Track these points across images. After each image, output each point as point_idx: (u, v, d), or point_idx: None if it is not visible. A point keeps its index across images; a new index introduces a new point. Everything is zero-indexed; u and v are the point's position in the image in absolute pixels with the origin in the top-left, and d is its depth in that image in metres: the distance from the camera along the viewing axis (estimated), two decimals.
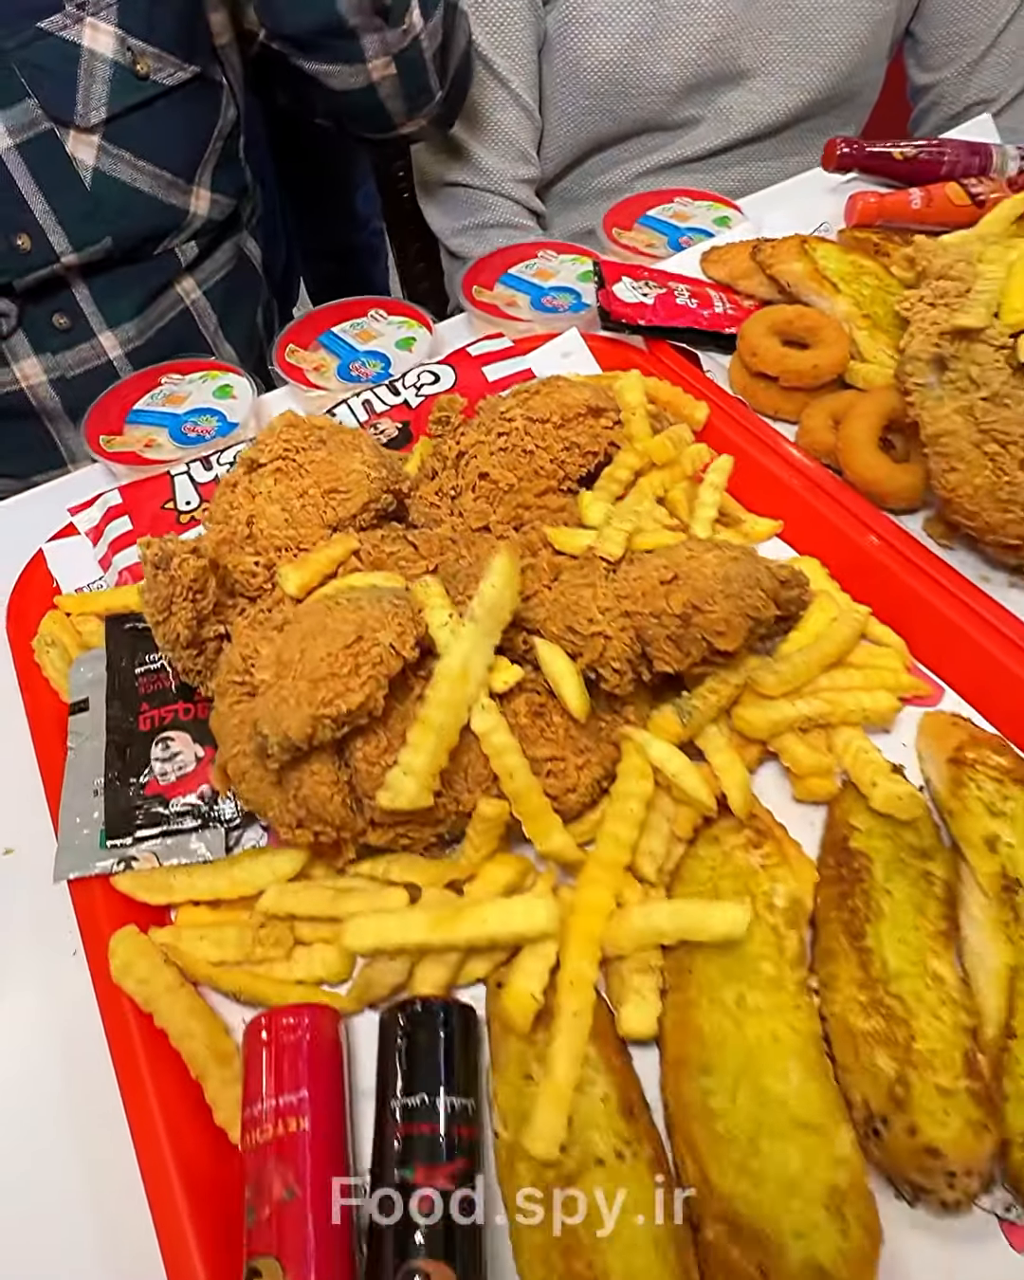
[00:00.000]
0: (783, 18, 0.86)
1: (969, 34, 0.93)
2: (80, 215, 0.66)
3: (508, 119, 0.89)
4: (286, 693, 0.35)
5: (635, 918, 0.36)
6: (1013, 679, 0.45)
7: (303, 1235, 0.29)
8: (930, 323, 0.56)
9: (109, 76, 0.63)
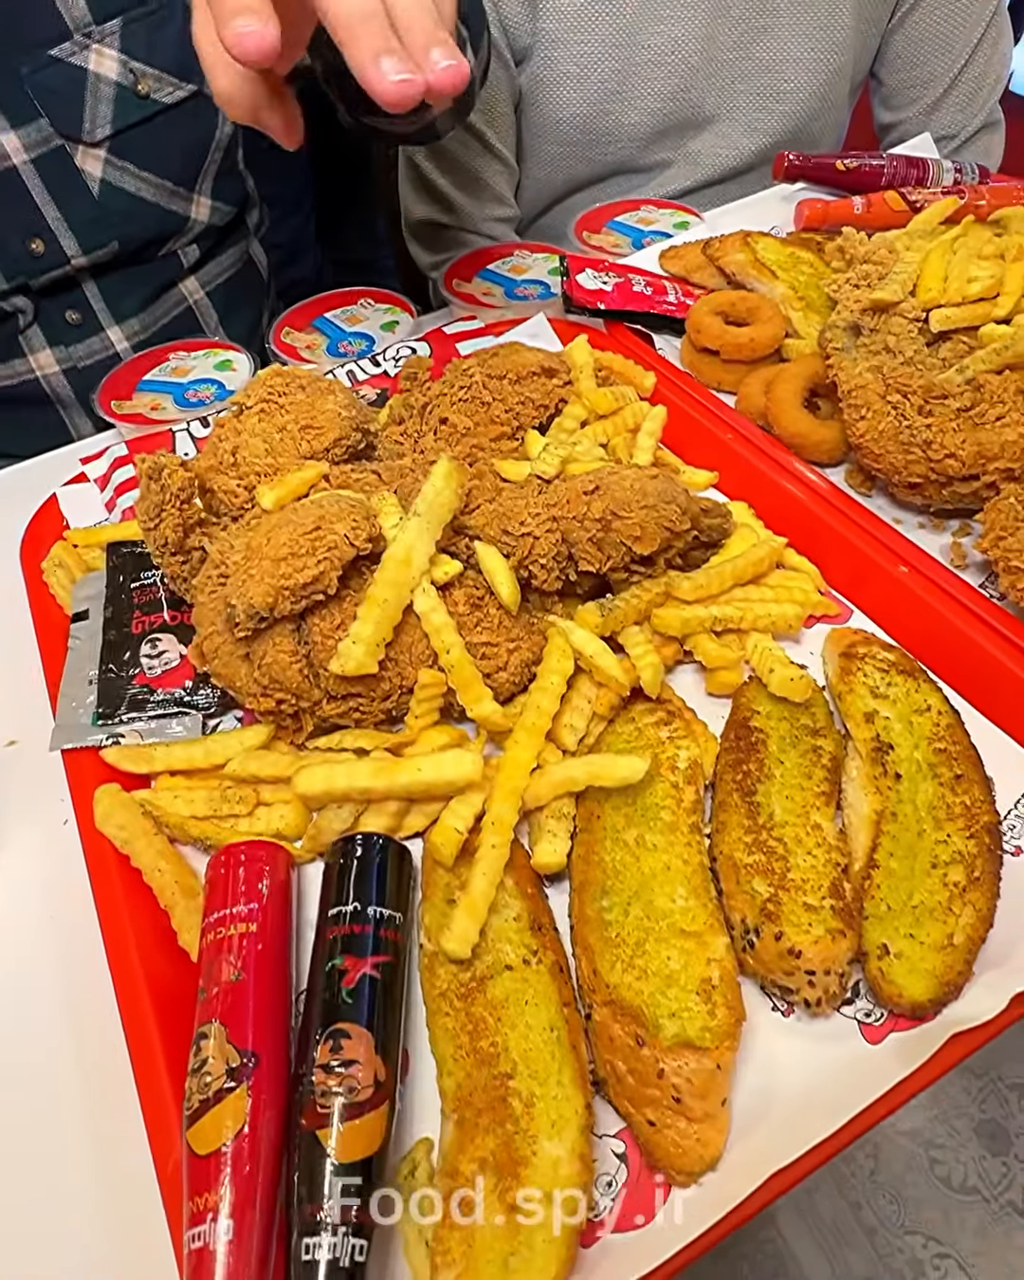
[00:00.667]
0: (742, 69, 0.94)
1: (929, 78, 1.00)
2: (89, 221, 0.73)
3: (484, 166, 0.96)
4: (253, 570, 0.41)
5: (553, 771, 0.41)
6: (915, 600, 0.50)
7: (244, 1006, 0.34)
8: (853, 300, 0.62)
9: (113, 96, 0.70)
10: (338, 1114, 0.31)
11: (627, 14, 0.88)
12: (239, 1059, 0.32)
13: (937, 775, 0.41)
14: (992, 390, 0.53)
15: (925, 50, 0.99)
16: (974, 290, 0.62)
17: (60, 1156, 0.36)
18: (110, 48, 0.69)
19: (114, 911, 0.40)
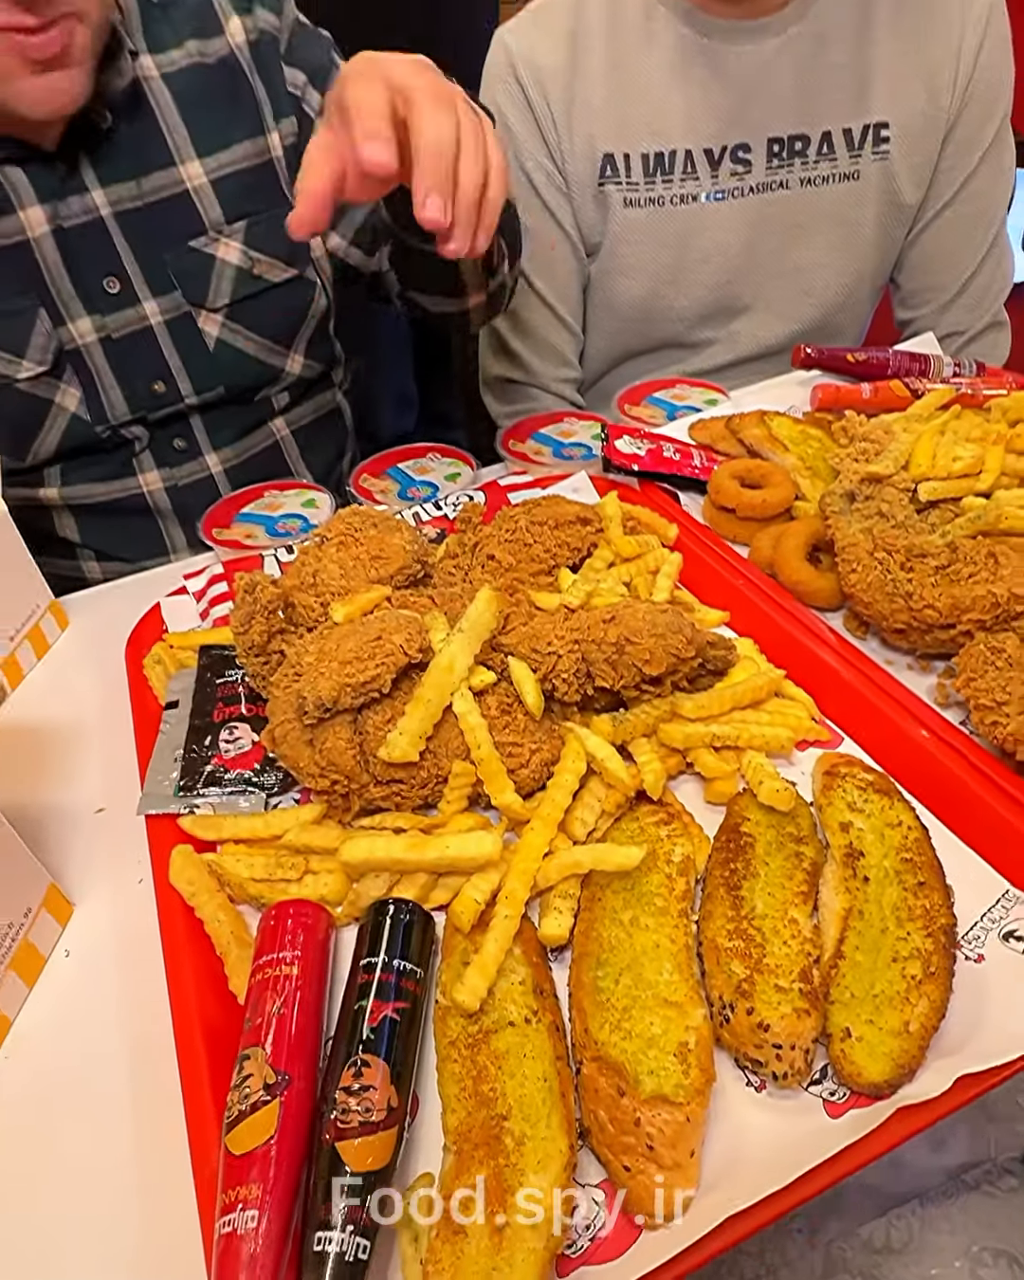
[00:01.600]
0: (778, 269, 1.10)
1: (941, 284, 1.14)
2: (203, 370, 0.88)
3: (555, 335, 1.13)
4: (323, 669, 0.50)
5: (562, 856, 0.47)
6: (897, 731, 0.57)
7: (283, 1034, 0.40)
8: (852, 471, 0.72)
9: (233, 276, 0.86)
10: (354, 1130, 0.36)
11: (680, 221, 1.04)
12: (275, 1077, 0.38)
13: (902, 881, 0.46)
14: (966, 552, 0.61)
15: (937, 263, 1.14)
16: (958, 467, 0.72)
17: (111, 1155, 0.42)
18: (235, 241, 0.86)
19: (177, 954, 0.47)
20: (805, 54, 0.98)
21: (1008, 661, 0.55)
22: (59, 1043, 0.47)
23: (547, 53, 1.00)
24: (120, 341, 0.84)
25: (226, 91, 0.82)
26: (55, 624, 0.76)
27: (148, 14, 0.80)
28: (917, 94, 1.01)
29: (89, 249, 0.80)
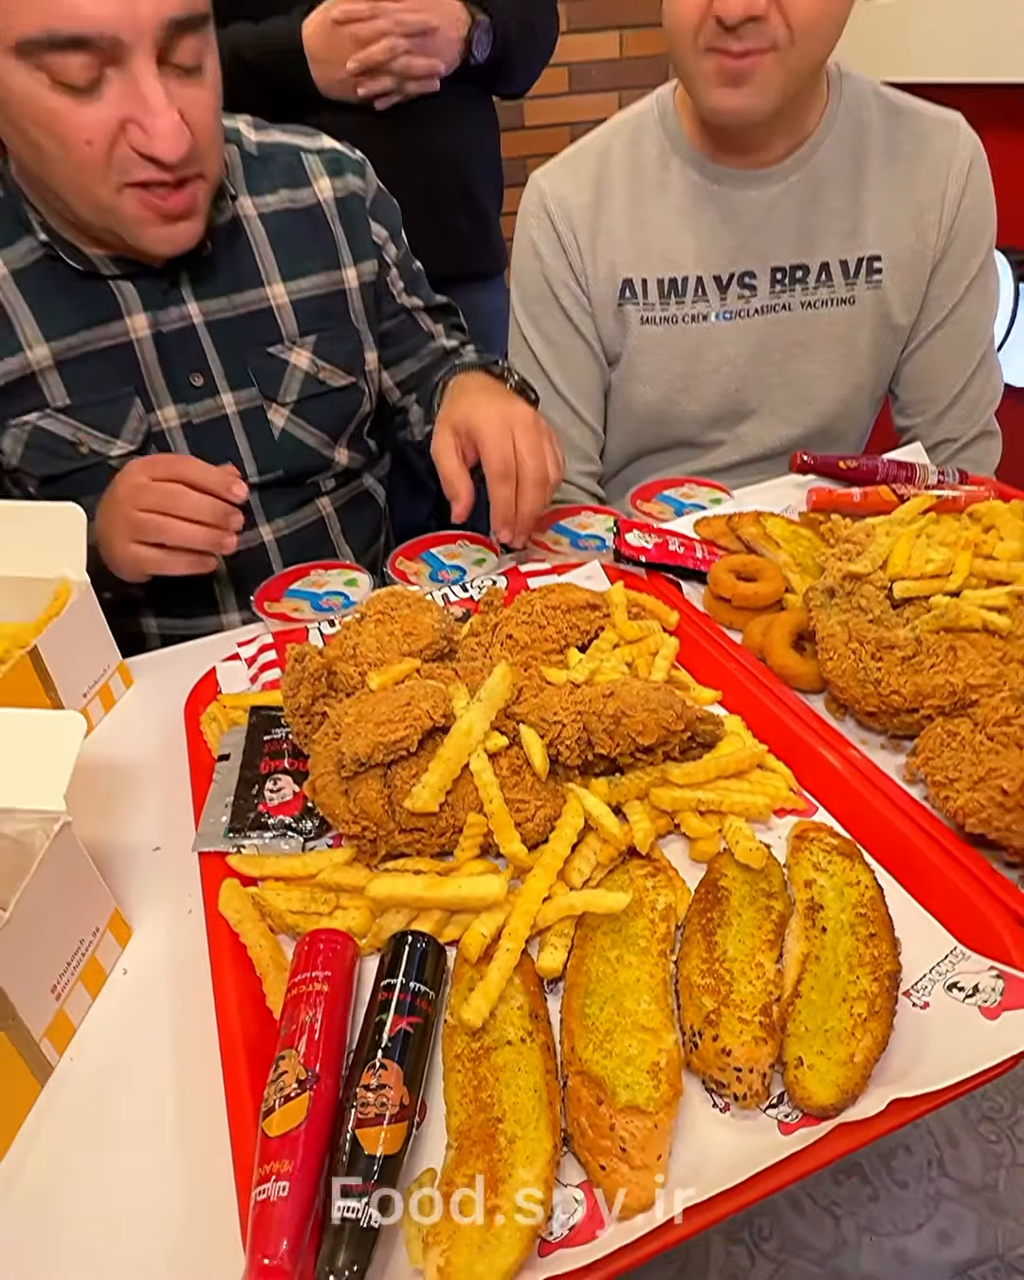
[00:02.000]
0: (781, 380, 1.21)
1: (934, 396, 1.24)
2: (268, 455, 1.02)
3: (578, 434, 1.24)
4: (360, 729, 0.58)
5: (559, 899, 0.54)
6: (865, 803, 0.64)
7: (313, 1039, 0.47)
8: (836, 569, 0.81)
9: (301, 378, 1.01)
10: (371, 1120, 0.43)
11: (692, 337, 1.16)
12: (306, 1074, 0.45)
13: (855, 932, 0.53)
14: (929, 645, 0.69)
15: (930, 377, 1.24)
16: (930, 569, 0.81)
17: (159, 1140, 0.48)
18: (305, 350, 1.01)
19: (223, 972, 0.54)
20: (805, 198, 1.11)
21: (961, 743, 0.63)
22: (116, 1046, 0.54)
23: (574, 193, 1.14)
24: (199, 427, 0.97)
25: (310, 232, 0.99)
26: (122, 682, 0.85)
27: (249, 166, 0.97)
28: (906, 232, 1.13)
29: (181, 350, 0.94)
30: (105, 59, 0.70)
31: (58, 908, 0.54)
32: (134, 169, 0.76)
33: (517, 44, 1.36)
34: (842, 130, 1.09)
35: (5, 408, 0.89)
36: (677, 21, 0.95)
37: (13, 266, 0.86)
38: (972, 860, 0.58)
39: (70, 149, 0.73)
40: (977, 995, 0.51)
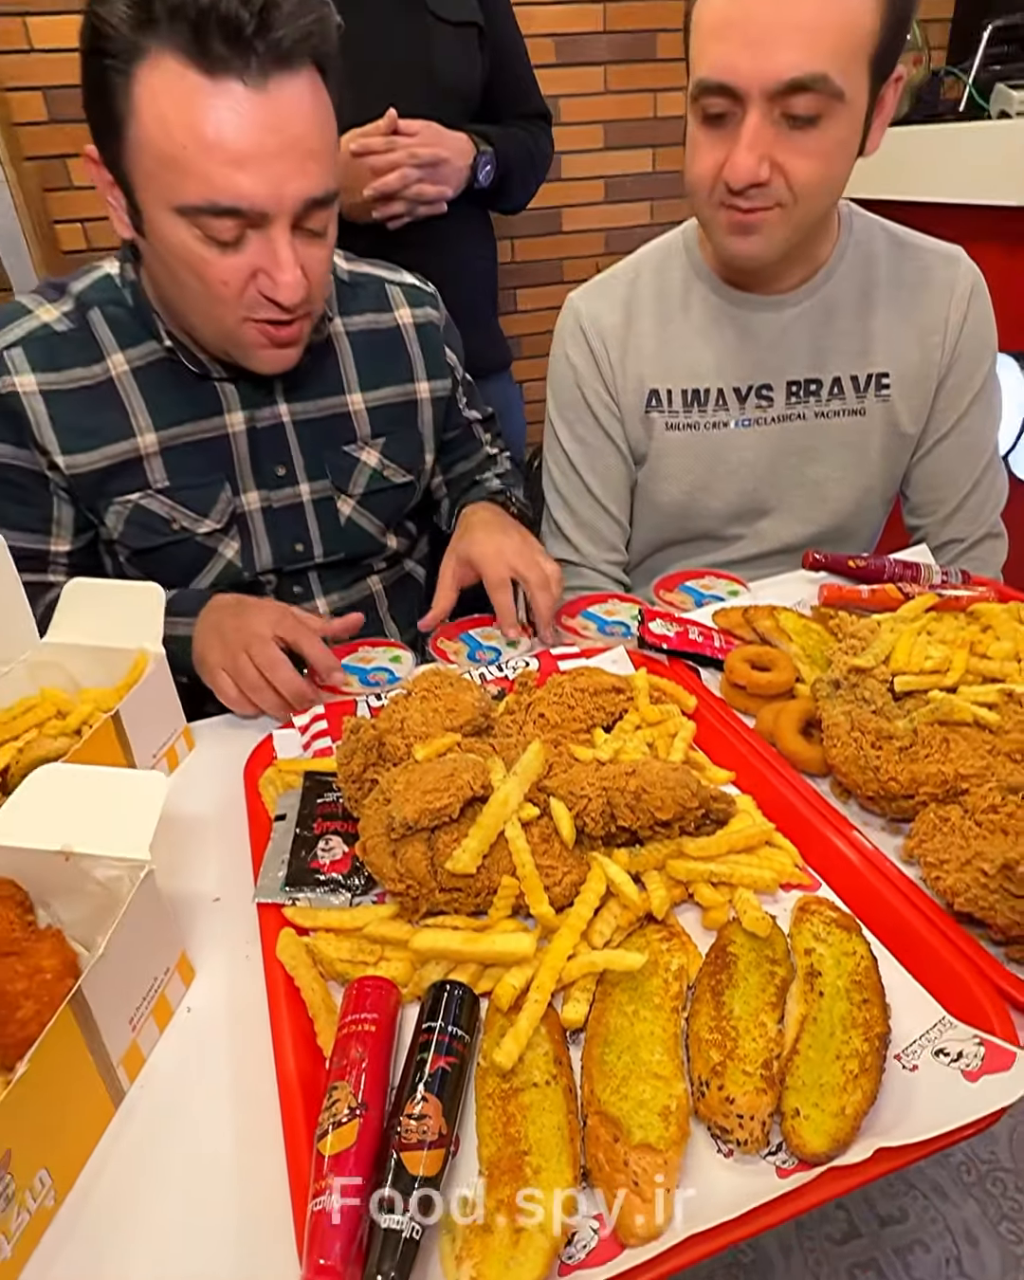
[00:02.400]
0: (797, 481, 1.30)
1: (941, 499, 1.32)
2: (332, 538, 1.14)
3: (605, 526, 1.34)
4: (409, 795, 0.66)
5: (582, 957, 0.61)
6: (864, 880, 0.69)
7: (362, 1073, 0.53)
8: (842, 662, 0.88)
9: (369, 474, 1.14)
10: (413, 1145, 0.48)
11: (713, 442, 1.27)
12: (357, 1103, 0.51)
13: (849, 998, 0.58)
14: (924, 736, 0.76)
15: (937, 481, 1.33)
16: (929, 665, 0.88)
17: (219, 1161, 0.54)
18: (375, 449, 1.14)
19: (278, 1012, 0.60)
20: (817, 321, 1.22)
21: (952, 828, 0.69)
22: (181, 1077, 0.60)
23: (606, 313, 1.27)
24: (278, 511, 1.10)
25: (389, 350, 1.15)
26: (186, 745, 0.93)
27: (341, 292, 1.13)
28: (912, 352, 1.24)
29: (269, 444, 1.08)
30: (250, 223, 0.84)
31: (138, 947, 0.60)
32: (258, 308, 0.90)
33: (516, 170, 1.54)
34: (851, 262, 1.21)
35: (112, 486, 1.01)
36: (693, 179, 1.08)
37: (134, 364, 1.00)
38: (959, 937, 0.63)
39: (209, 287, 0.87)
40: (960, 1060, 0.56)
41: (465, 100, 1.49)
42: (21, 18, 2.05)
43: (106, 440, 0.99)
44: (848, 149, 1.03)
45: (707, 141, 1.03)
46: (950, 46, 2.72)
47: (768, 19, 0.92)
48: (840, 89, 0.94)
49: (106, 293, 0.99)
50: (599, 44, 2.63)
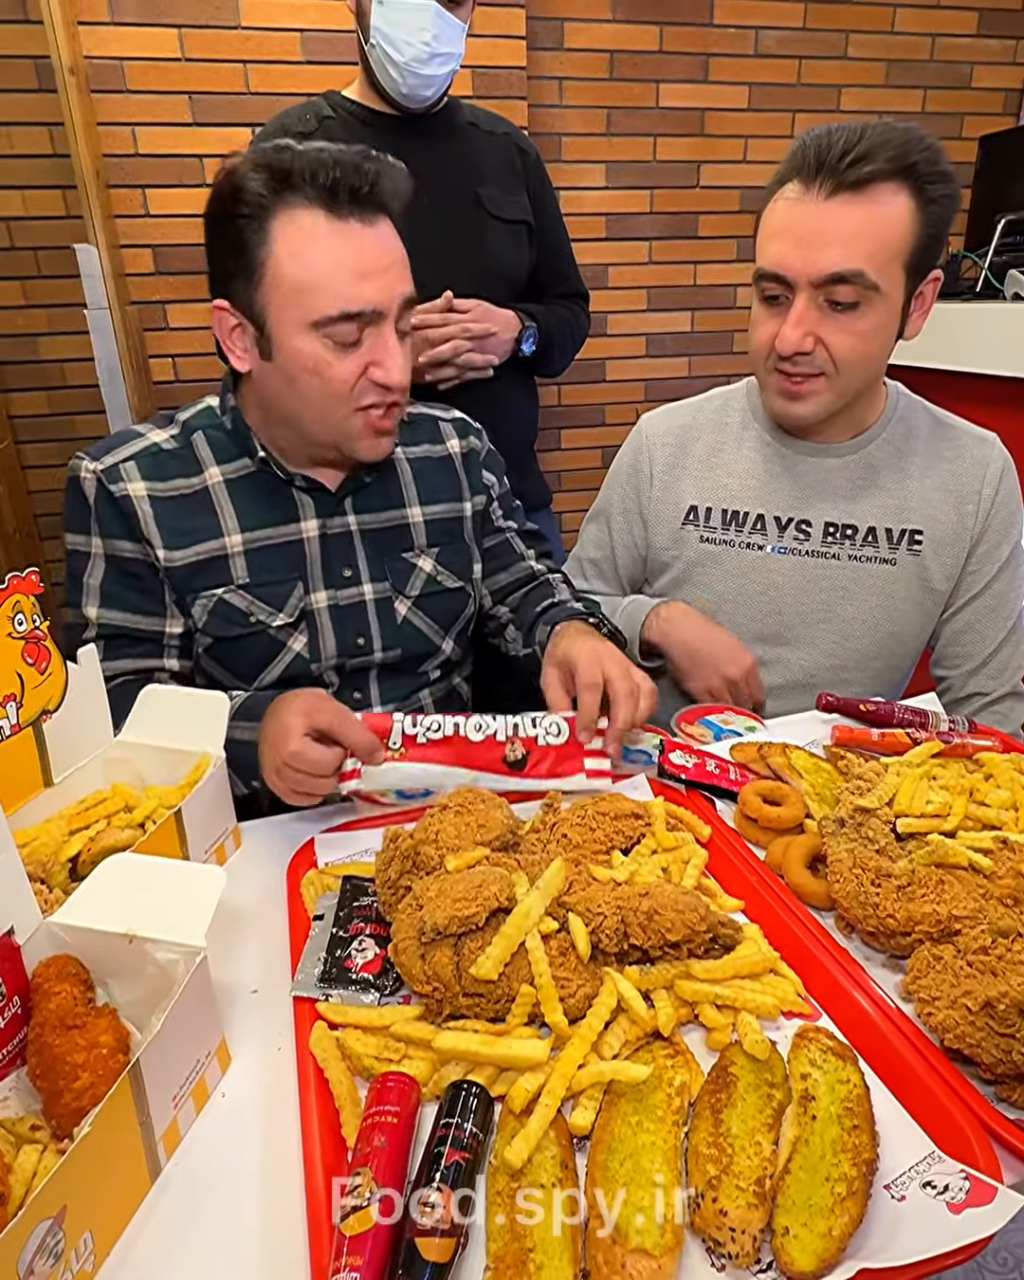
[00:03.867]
0: (824, 615, 1.37)
1: (969, 654, 1.40)
2: (390, 635, 1.26)
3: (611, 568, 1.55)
4: (440, 902, 0.72)
5: (591, 1067, 0.65)
6: (862, 1013, 0.74)
7: (382, 1160, 0.57)
8: (848, 801, 0.95)
9: (424, 579, 1.28)
10: (427, 1231, 0.53)
11: (746, 560, 1.39)
12: (377, 1189, 0.55)
13: (841, 1123, 0.62)
14: (921, 876, 0.81)
15: (965, 638, 1.40)
16: (930, 809, 0.94)
17: (244, 1236, 0.58)
18: (430, 557, 1.29)
19: (308, 1103, 0.65)
20: (859, 475, 1.35)
21: (944, 967, 0.73)
22: (213, 1158, 0.64)
23: (665, 433, 1.45)
24: (343, 608, 1.23)
25: (441, 473, 1.32)
26: (233, 844, 1.01)
27: (402, 428, 1.31)
28: (948, 515, 1.35)
29: (338, 549, 1.22)
30: (367, 323, 1.03)
31: (188, 1030, 0.66)
32: (366, 396, 1.08)
33: (556, 341, 1.77)
34: (894, 432, 1.36)
35: (200, 581, 1.16)
36: (753, 348, 1.28)
37: (228, 476, 1.18)
38: (949, 1073, 0.67)
39: (331, 385, 1.05)
40: (946, 1193, 0.59)
41: (513, 283, 1.73)
42: (141, 189, 2.39)
43: (199, 539, 1.13)
44: (884, 332, 1.21)
45: (764, 317, 1.22)
46: (968, 232, 3.00)
47: (816, 226, 1.12)
48: (875, 283, 1.14)
49: (208, 419, 1.18)
50: (645, 222, 2.96)
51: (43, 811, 0.89)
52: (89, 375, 2.45)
